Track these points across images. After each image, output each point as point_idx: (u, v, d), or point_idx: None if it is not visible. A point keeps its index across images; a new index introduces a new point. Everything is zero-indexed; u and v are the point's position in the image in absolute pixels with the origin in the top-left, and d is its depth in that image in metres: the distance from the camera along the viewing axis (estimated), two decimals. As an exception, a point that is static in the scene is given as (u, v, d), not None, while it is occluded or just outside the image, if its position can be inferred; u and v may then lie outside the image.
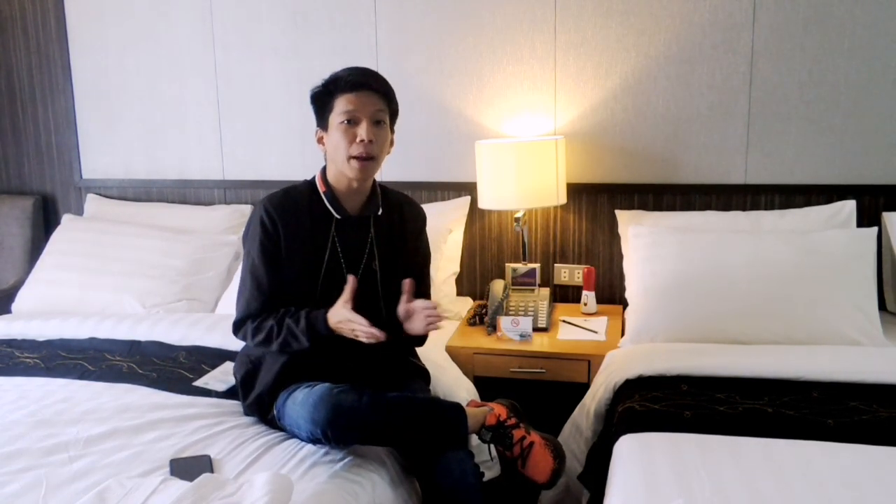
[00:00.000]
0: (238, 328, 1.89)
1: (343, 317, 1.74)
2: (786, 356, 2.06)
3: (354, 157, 1.80)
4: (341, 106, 1.80)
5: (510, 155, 2.57)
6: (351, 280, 1.78)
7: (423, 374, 2.06)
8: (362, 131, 1.79)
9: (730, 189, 2.65)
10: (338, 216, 1.89)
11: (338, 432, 1.68)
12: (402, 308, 1.84)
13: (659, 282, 2.33)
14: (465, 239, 2.86)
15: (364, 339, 1.72)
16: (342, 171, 1.85)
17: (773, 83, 2.56)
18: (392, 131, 1.91)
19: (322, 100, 1.84)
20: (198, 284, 2.79)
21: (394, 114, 1.90)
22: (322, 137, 1.88)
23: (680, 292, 2.29)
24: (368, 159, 1.81)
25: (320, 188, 1.90)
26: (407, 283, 1.84)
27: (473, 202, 2.80)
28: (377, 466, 1.74)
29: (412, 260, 2.00)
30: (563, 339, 2.46)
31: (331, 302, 1.82)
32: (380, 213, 1.94)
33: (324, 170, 1.92)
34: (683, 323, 2.26)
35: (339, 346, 1.81)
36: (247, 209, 3.06)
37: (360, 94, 1.80)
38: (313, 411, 1.69)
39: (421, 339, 2.00)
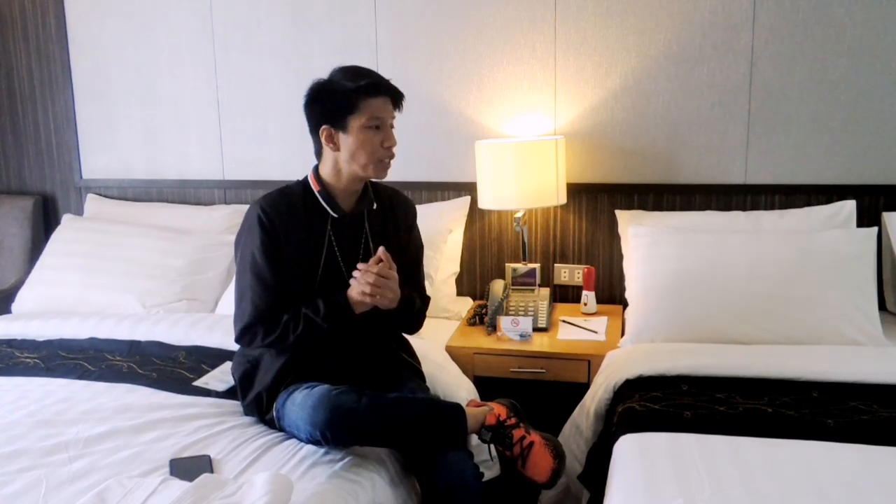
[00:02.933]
0: (246, 332, 1.85)
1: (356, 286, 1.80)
2: (786, 356, 2.05)
3: (381, 160, 1.84)
4: (369, 111, 1.80)
5: (510, 155, 2.57)
6: (381, 251, 1.81)
7: (420, 374, 2.06)
8: (390, 137, 1.84)
9: (730, 189, 2.65)
10: (334, 214, 1.89)
11: (337, 434, 1.68)
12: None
13: (659, 282, 2.33)
14: (465, 239, 2.86)
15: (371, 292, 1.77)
16: (355, 172, 1.85)
17: (773, 83, 2.56)
18: None
19: (340, 100, 1.80)
20: (198, 284, 2.79)
21: None
22: (332, 136, 1.84)
23: (680, 292, 2.29)
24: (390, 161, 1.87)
25: (314, 187, 1.90)
26: (380, 251, 1.83)
27: (473, 202, 2.80)
28: (377, 466, 1.74)
29: (406, 251, 2.01)
30: (563, 339, 2.46)
31: None
32: (374, 207, 1.95)
33: (315, 169, 1.92)
34: (683, 323, 2.26)
35: (354, 329, 1.84)
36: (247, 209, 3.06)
37: (384, 99, 1.83)
38: (312, 413, 1.69)
39: (408, 325, 2.02)
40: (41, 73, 3.26)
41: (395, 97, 1.85)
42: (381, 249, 1.81)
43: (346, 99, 1.79)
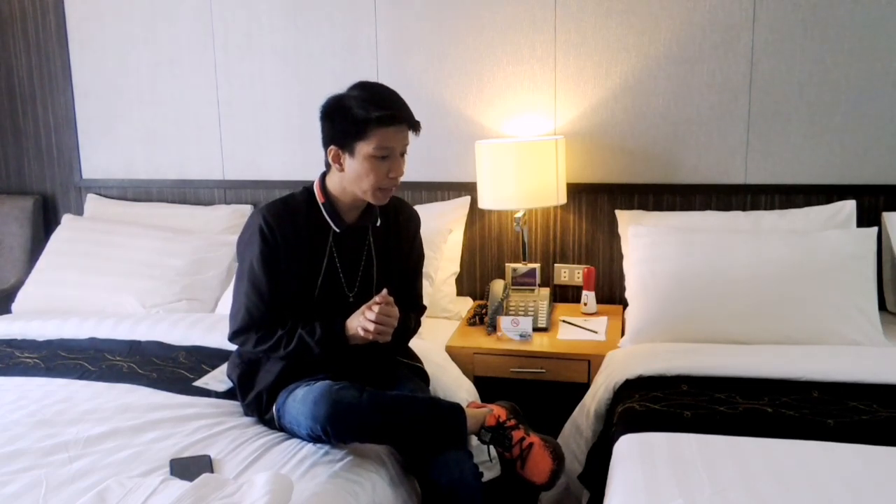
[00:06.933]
0: (238, 335, 1.88)
1: (356, 321, 1.79)
2: (786, 356, 2.05)
3: (382, 189, 1.81)
4: (378, 141, 1.75)
5: (510, 155, 2.57)
6: (384, 294, 1.78)
7: (422, 375, 2.07)
8: (397, 168, 1.80)
9: (730, 189, 2.65)
10: (336, 229, 1.88)
11: (338, 429, 1.69)
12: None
13: (659, 282, 2.33)
14: (465, 239, 2.86)
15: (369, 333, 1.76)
16: (356, 195, 1.83)
17: (773, 83, 2.56)
18: None
19: (350, 125, 1.76)
20: (198, 284, 2.79)
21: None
22: (339, 156, 1.81)
23: (680, 292, 2.29)
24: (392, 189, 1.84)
25: (319, 199, 1.88)
26: (383, 293, 1.80)
27: (473, 202, 2.80)
28: (377, 466, 1.74)
29: (406, 263, 2.01)
30: (563, 339, 2.46)
31: (327, 312, 1.84)
32: (378, 223, 1.94)
33: (322, 178, 1.90)
34: (683, 323, 2.26)
35: (347, 356, 1.83)
36: (247, 209, 3.06)
37: (396, 128, 1.78)
38: (314, 408, 1.69)
39: (399, 343, 1.98)
40: (41, 73, 3.25)
41: (411, 126, 1.81)
42: (383, 292, 1.78)
43: (357, 125, 1.76)
